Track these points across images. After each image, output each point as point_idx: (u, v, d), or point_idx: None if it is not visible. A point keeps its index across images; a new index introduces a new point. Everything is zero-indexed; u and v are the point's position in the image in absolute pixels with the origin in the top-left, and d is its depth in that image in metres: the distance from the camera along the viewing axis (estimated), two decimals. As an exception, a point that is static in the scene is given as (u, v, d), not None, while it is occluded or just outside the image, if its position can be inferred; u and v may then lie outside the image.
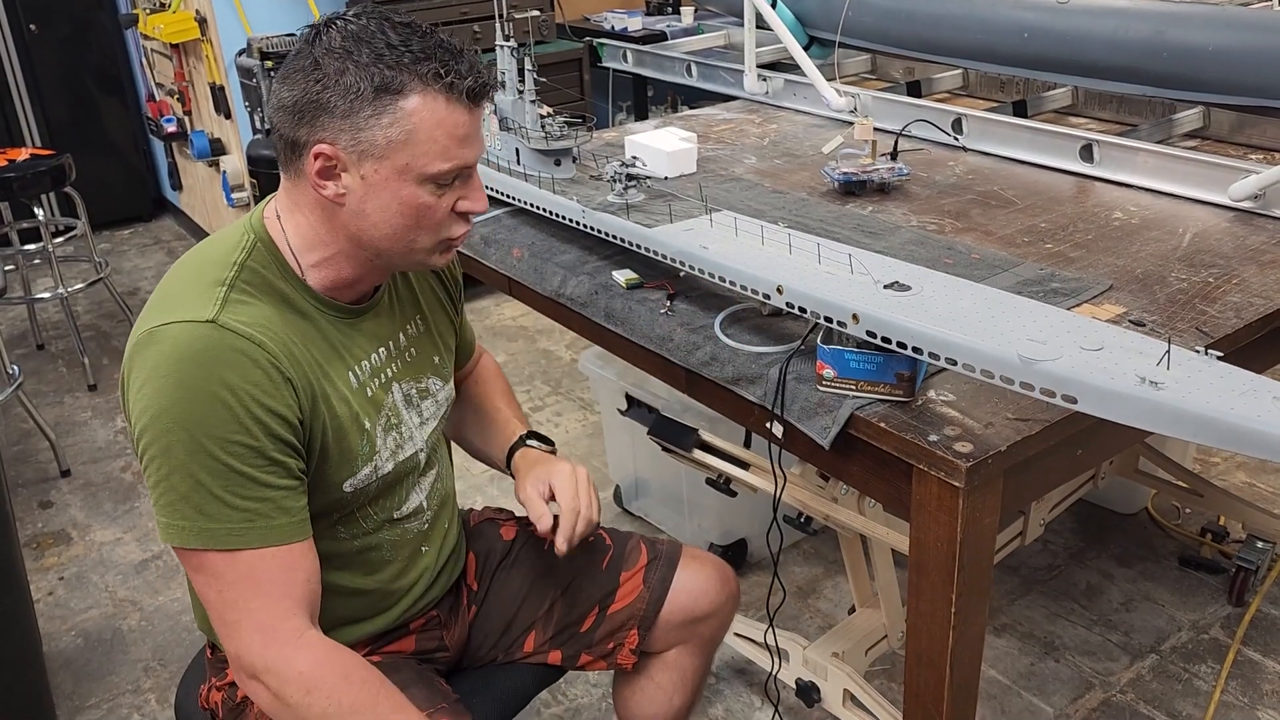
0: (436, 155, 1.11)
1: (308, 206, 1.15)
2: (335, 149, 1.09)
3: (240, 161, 3.82)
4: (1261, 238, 1.67)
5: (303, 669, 1.09)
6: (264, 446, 1.08)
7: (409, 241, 1.16)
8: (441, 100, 1.09)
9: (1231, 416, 0.88)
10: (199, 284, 1.12)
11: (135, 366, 1.08)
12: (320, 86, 1.08)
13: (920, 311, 1.15)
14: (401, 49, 1.08)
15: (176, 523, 1.07)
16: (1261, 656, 2.17)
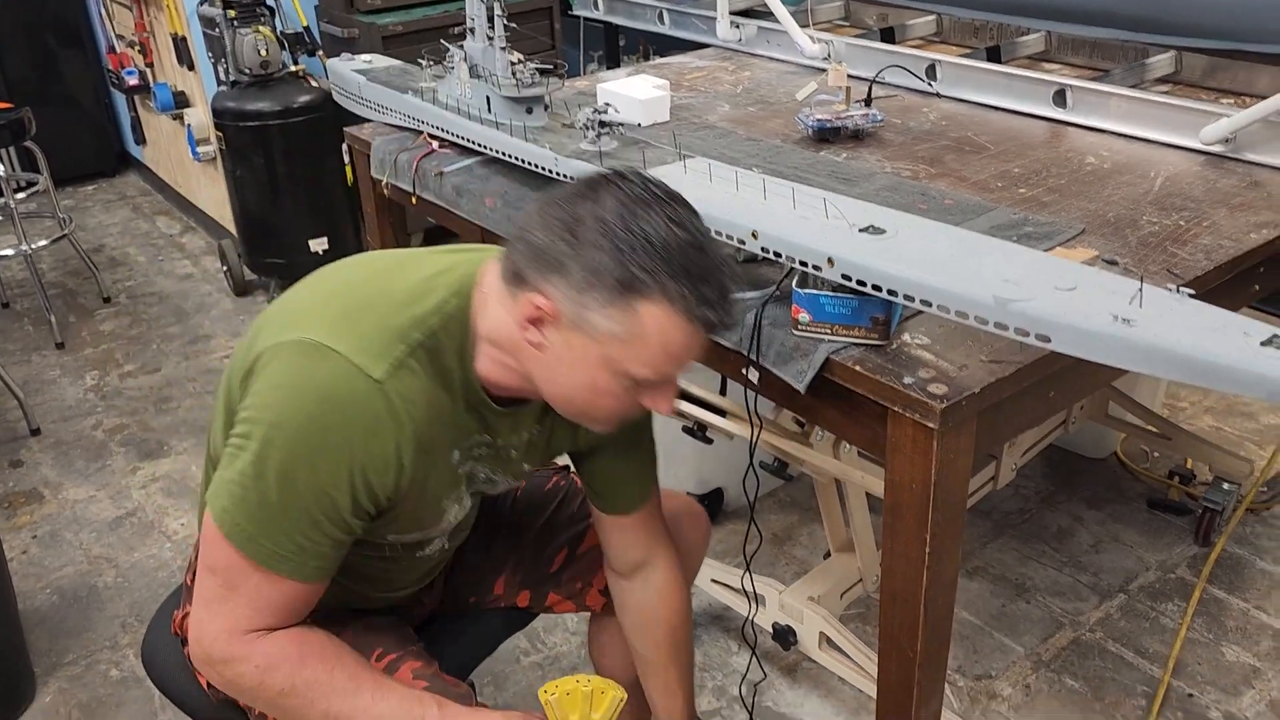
0: (647, 364, 1.06)
1: (507, 327, 1.11)
2: (554, 309, 1.05)
3: (205, 114, 3.75)
4: (1232, 181, 1.68)
5: (259, 661, 1.10)
6: (346, 510, 1.08)
7: (582, 410, 1.14)
8: (678, 321, 1.03)
9: (1203, 353, 0.89)
10: (385, 325, 1.08)
11: (282, 364, 1.06)
12: (570, 250, 1.03)
13: (895, 254, 1.15)
14: (664, 254, 1.01)
15: (234, 517, 1.06)
16: (1226, 594, 2.22)
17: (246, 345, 1.14)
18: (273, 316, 1.14)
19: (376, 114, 2.16)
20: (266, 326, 1.13)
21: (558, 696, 1.18)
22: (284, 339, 1.07)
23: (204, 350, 3.45)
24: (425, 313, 1.10)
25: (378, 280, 1.15)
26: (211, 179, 4.02)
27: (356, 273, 1.19)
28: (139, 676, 2.12)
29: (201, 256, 4.19)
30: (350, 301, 1.11)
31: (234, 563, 1.08)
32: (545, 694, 1.18)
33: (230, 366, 1.16)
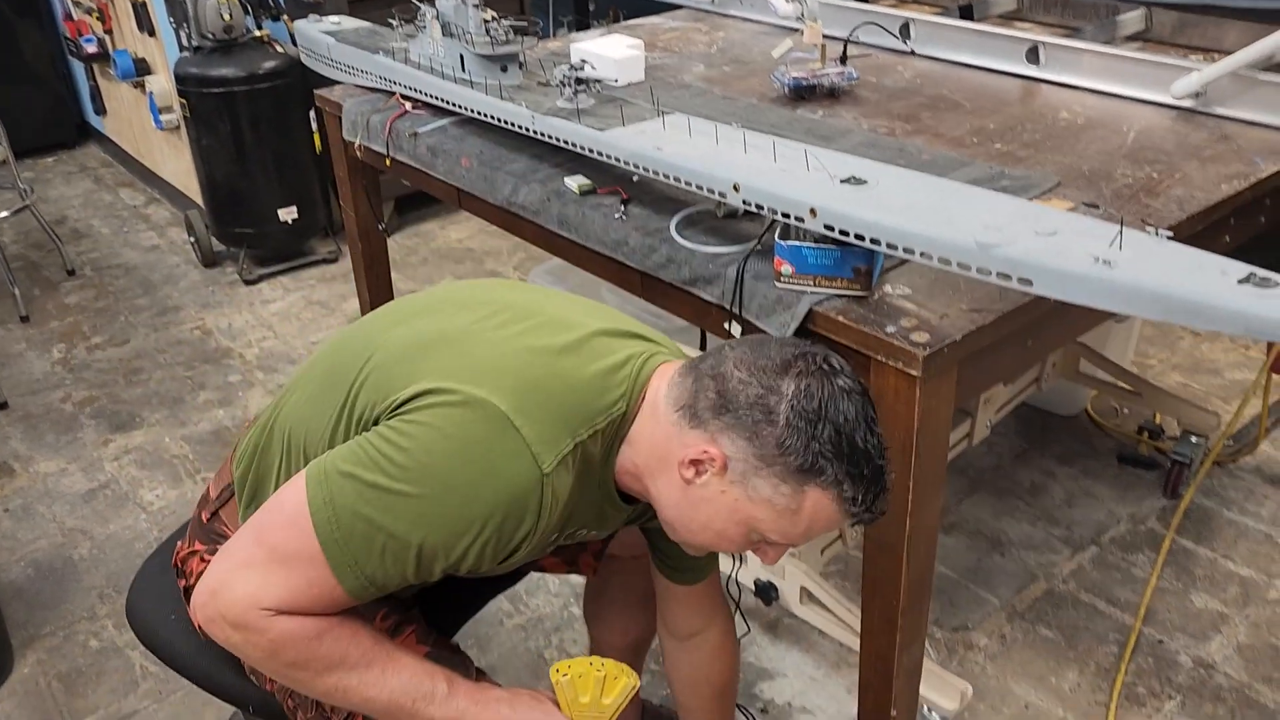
0: (786, 534, 1.09)
1: (661, 447, 1.10)
2: (726, 463, 1.05)
3: (168, 81, 3.68)
4: (1202, 134, 1.71)
5: (275, 635, 1.08)
6: (439, 569, 1.07)
7: (699, 545, 1.15)
8: (835, 511, 1.06)
9: (1183, 291, 0.90)
10: (562, 416, 1.07)
11: (463, 416, 1.04)
12: (766, 421, 1.03)
13: (878, 204, 1.16)
14: (849, 452, 1.03)
15: (335, 517, 1.04)
16: (1194, 545, 2.27)
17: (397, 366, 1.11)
18: (440, 348, 1.11)
19: (346, 75, 2.13)
20: (431, 359, 1.10)
21: (570, 678, 1.18)
22: (469, 391, 1.05)
23: (173, 322, 3.41)
24: (597, 412, 1.10)
25: (562, 359, 1.12)
26: (175, 148, 3.95)
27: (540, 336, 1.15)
28: (118, 646, 2.11)
29: (167, 228, 4.13)
30: (536, 375, 1.09)
31: (303, 552, 1.05)
32: (557, 674, 1.19)
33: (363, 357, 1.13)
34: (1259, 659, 1.98)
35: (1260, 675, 1.95)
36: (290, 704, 1.25)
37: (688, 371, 1.11)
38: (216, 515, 1.34)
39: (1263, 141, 1.67)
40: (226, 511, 1.32)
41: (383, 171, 2.08)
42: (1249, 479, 2.46)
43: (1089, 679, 1.96)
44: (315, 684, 1.12)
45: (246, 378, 3.07)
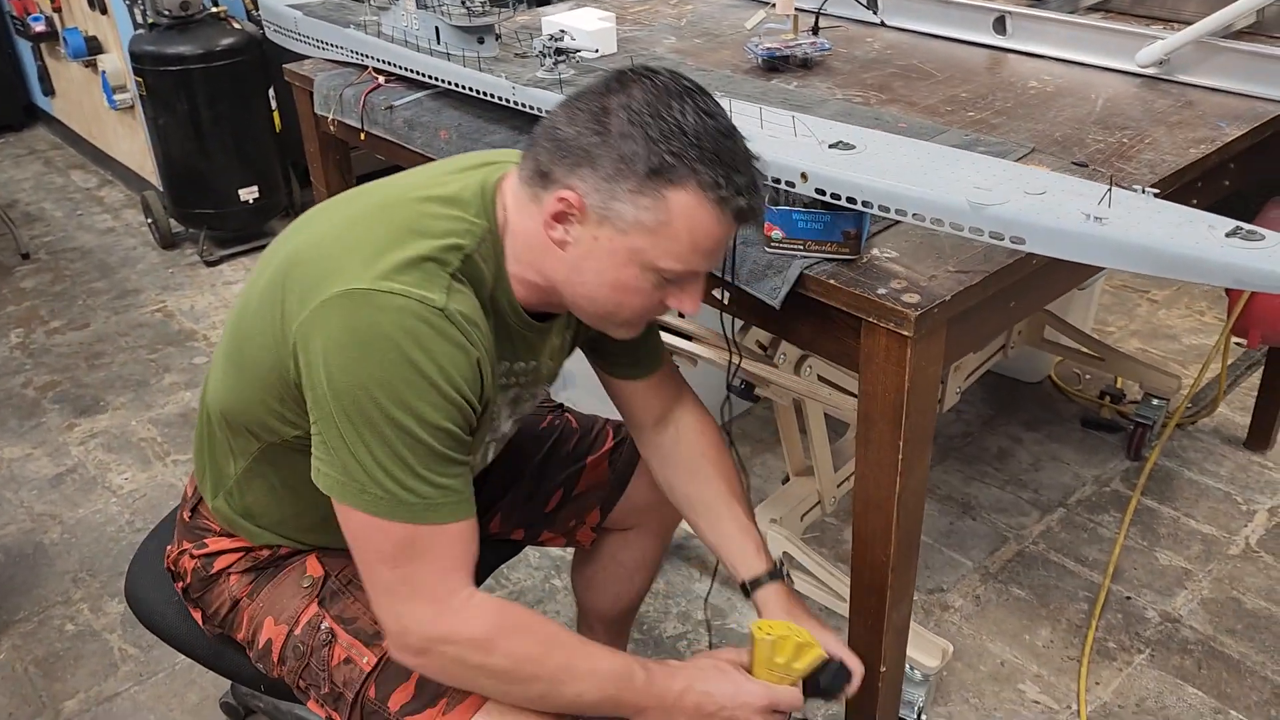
0: (675, 256, 1.05)
1: (532, 232, 1.09)
2: (582, 202, 1.04)
3: (121, 60, 3.61)
4: (1167, 101, 1.75)
5: (477, 632, 1.08)
6: (461, 431, 1.06)
7: (607, 311, 1.12)
8: (708, 209, 1.03)
9: (1173, 246, 0.93)
10: (424, 255, 1.05)
11: (342, 320, 1.01)
12: (599, 139, 1.02)
13: (868, 167, 1.17)
14: (694, 140, 1.01)
15: (371, 491, 1.03)
16: (1158, 504, 2.34)
17: (274, 310, 1.09)
18: (299, 269, 1.08)
19: (316, 50, 2.11)
20: (295, 281, 1.07)
21: (773, 638, 1.21)
22: (330, 293, 1.02)
23: (134, 305, 3.35)
24: (455, 234, 1.08)
25: (398, 205, 1.11)
26: (130, 129, 3.88)
27: (369, 199, 1.14)
28: (95, 630, 2.09)
29: (123, 210, 4.05)
30: (380, 234, 1.06)
31: (400, 537, 1.05)
32: (760, 630, 1.22)
33: (265, 338, 1.10)
34: (1222, 612, 2.05)
35: (1224, 628, 2.02)
36: (302, 684, 1.26)
37: (524, 152, 1.10)
38: (197, 511, 1.34)
39: (1225, 107, 1.71)
40: (205, 506, 1.33)
41: (355, 147, 2.06)
42: (1208, 440, 2.53)
43: (1061, 635, 2.02)
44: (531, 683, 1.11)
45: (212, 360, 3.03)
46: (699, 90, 1.05)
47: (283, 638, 1.26)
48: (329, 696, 1.23)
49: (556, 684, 1.11)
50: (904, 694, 1.63)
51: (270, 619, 1.27)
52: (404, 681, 1.19)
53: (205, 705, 1.91)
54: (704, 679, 1.19)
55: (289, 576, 1.29)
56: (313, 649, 1.24)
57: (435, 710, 1.16)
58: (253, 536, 1.30)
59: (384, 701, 1.19)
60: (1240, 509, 2.31)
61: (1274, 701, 1.86)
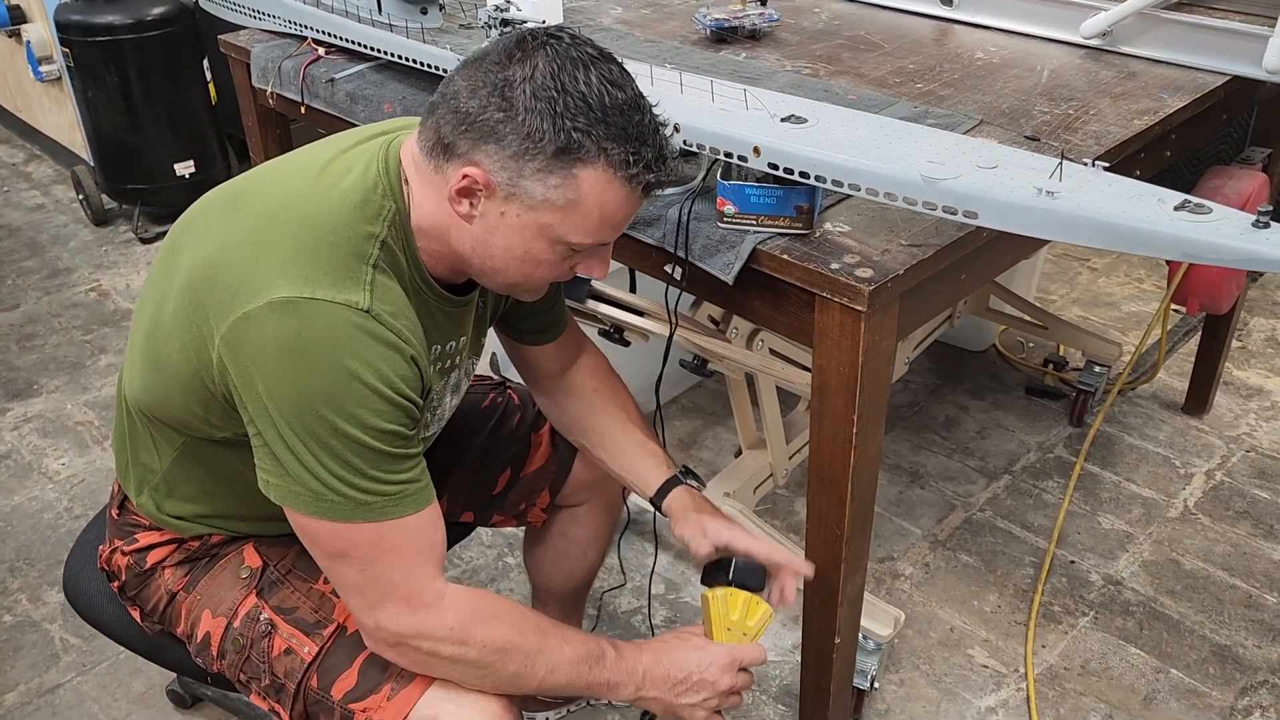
0: (584, 231, 1.04)
1: (434, 204, 1.05)
2: (487, 178, 1.01)
3: (46, 30, 3.48)
4: (1111, 73, 1.76)
5: (453, 624, 1.07)
6: (406, 429, 1.04)
7: (515, 281, 1.10)
8: (617, 185, 1.01)
9: (1123, 219, 0.94)
10: (339, 252, 1.02)
11: (268, 333, 0.98)
12: (503, 115, 0.98)
13: (820, 141, 1.17)
14: (601, 115, 0.98)
15: (328, 499, 1.01)
16: (1100, 469, 2.38)
17: (191, 319, 1.05)
18: (211, 276, 1.03)
19: (252, 20, 2.05)
20: (209, 291, 1.03)
21: (721, 595, 1.26)
22: (251, 306, 0.99)
23: (66, 284, 3.25)
24: (366, 221, 1.05)
25: (303, 199, 1.07)
26: (57, 101, 3.75)
27: (269, 194, 1.09)
28: (35, 620, 2.04)
29: (52, 186, 3.92)
30: (290, 235, 1.03)
31: (358, 537, 1.03)
32: (709, 592, 1.27)
33: (182, 344, 1.06)
34: (1162, 574, 2.10)
35: (1164, 589, 2.07)
36: (243, 677, 1.23)
37: (423, 119, 1.06)
38: (124, 508, 1.31)
39: (1167, 78, 1.73)
40: (133, 503, 1.30)
41: (295, 120, 2.01)
42: (1147, 405, 2.59)
43: (1008, 600, 2.05)
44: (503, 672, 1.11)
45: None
46: (603, 57, 1.02)
47: (221, 630, 1.23)
48: (270, 689, 1.21)
49: (529, 668, 1.12)
50: (857, 663, 1.65)
51: (208, 611, 1.24)
52: (346, 669, 1.17)
53: (151, 694, 1.88)
54: (669, 650, 1.22)
55: (226, 567, 1.26)
56: (252, 641, 1.21)
57: (379, 696, 1.15)
58: (182, 530, 1.26)
59: (327, 690, 1.17)
60: (1179, 472, 2.37)
61: (1212, 659, 1.92)
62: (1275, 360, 2.76)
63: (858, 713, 1.81)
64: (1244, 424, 2.52)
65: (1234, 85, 1.73)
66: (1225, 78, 1.72)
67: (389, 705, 1.14)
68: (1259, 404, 2.59)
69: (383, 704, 1.14)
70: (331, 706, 1.17)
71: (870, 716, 1.83)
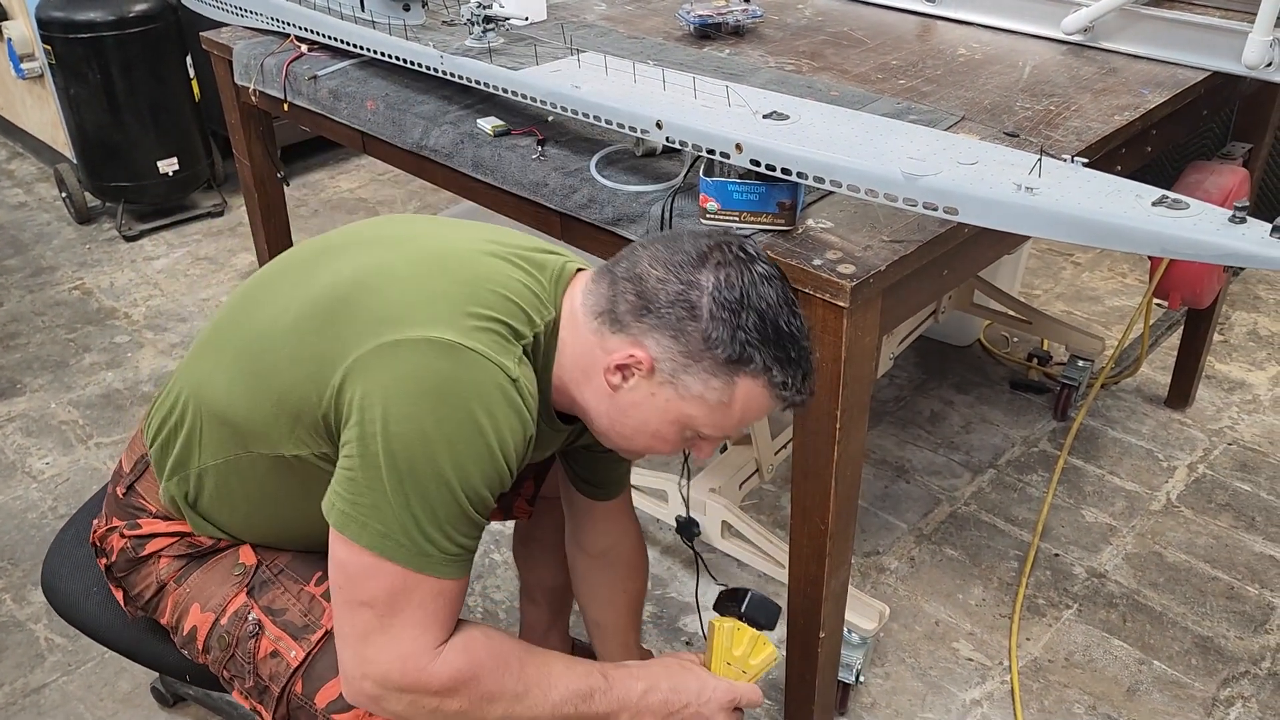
0: (721, 427, 1.09)
1: (583, 356, 1.10)
2: (653, 365, 1.05)
3: (28, 27, 3.46)
4: (1092, 69, 1.77)
5: (445, 680, 1.06)
6: (491, 498, 1.04)
7: (633, 450, 1.15)
8: (769, 399, 1.07)
9: (1102, 215, 0.95)
10: (503, 325, 1.04)
11: (415, 365, 0.99)
12: (689, 317, 1.03)
13: (802, 138, 1.17)
14: (774, 337, 1.04)
15: (396, 537, 1.00)
16: (1084, 463, 2.40)
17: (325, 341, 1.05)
18: (355, 301, 1.05)
19: (234, 17, 2.04)
20: (351, 316, 1.04)
21: (729, 628, 1.25)
22: (405, 336, 1.00)
23: (49, 283, 3.23)
24: (533, 312, 1.08)
25: (477, 261, 1.10)
26: (39, 98, 3.72)
27: (437, 241, 1.12)
28: (19, 620, 2.03)
29: (34, 184, 3.90)
30: (461, 288, 1.05)
31: (397, 584, 1.02)
32: (718, 622, 1.26)
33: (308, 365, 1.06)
34: (1145, 566, 2.12)
35: (1147, 581, 2.08)
36: (226, 674, 1.23)
37: (602, 276, 1.09)
38: (133, 489, 1.29)
39: (1148, 74, 1.74)
40: (143, 485, 1.28)
41: (279, 117, 2.00)
42: (1130, 399, 2.60)
43: (993, 594, 2.07)
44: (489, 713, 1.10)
45: (135, 338, 2.94)
46: (781, 277, 1.07)
47: (208, 626, 1.23)
48: (254, 689, 1.20)
49: (513, 710, 1.11)
50: (842, 657, 1.66)
51: (196, 605, 1.24)
52: (332, 678, 1.16)
53: (137, 694, 1.87)
54: (668, 677, 1.21)
55: (220, 562, 1.26)
56: (238, 640, 1.21)
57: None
58: (196, 526, 1.26)
59: (310, 698, 1.17)
60: (1161, 466, 2.39)
61: (1194, 651, 1.93)
62: (1257, 354, 2.78)
63: (843, 707, 1.81)
64: (1226, 417, 2.54)
65: (1214, 81, 1.75)
66: (1205, 73, 1.73)
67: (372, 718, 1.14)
68: (1240, 397, 2.61)
69: (365, 717, 1.14)
70: (314, 714, 1.17)
71: (856, 710, 1.84)
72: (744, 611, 1.27)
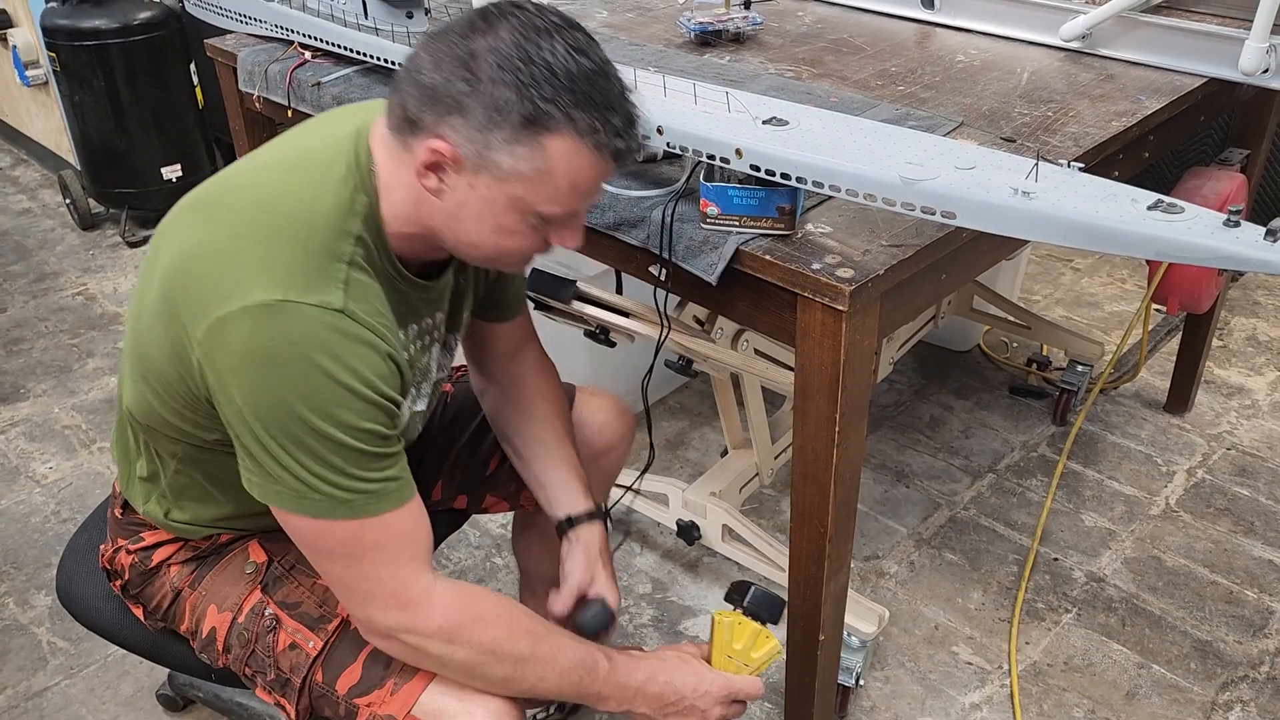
0: (555, 200, 1.03)
1: (405, 181, 1.05)
2: (456, 152, 1.00)
3: (32, 34, 3.48)
4: (1090, 75, 1.79)
5: (441, 622, 1.08)
6: (385, 427, 1.04)
7: (491, 255, 1.10)
8: (587, 153, 1.01)
9: (1098, 219, 0.96)
10: (315, 253, 1.02)
11: (244, 338, 0.98)
12: (468, 88, 0.97)
13: (801, 143, 1.18)
14: (568, 84, 0.98)
15: (309, 497, 1.02)
16: (1083, 468, 2.41)
17: (172, 325, 1.05)
18: (187, 282, 1.03)
19: (238, 24, 2.05)
20: (186, 296, 1.03)
21: (730, 622, 1.26)
22: (225, 311, 0.99)
23: (53, 288, 3.25)
24: (340, 217, 1.05)
25: (275, 200, 1.06)
26: (44, 105, 3.74)
27: (241, 196, 1.09)
28: (22, 624, 2.04)
29: (38, 190, 3.92)
30: (263, 238, 1.03)
31: (341, 535, 1.04)
32: (720, 615, 1.26)
33: (167, 351, 1.06)
34: (1144, 571, 2.13)
35: (1146, 585, 2.09)
36: (248, 671, 1.24)
37: (391, 95, 1.06)
38: (128, 507, 1.31)
39: (1145, 80, 1.75)
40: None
41: (283, 124, 2.02)
42: (1129, 404, 2.61)
43: (992, 598, 2.07)
44: (494, 673, 1.12)
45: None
46: (568, 25, 1.01)
47: (226, 625, 1.24)
48: (275, 683, 1.22)
49: (518, 672, 1.13)
50: (842, 660, 1.66)
51: (213, 607, 1.25)
52: (351, 663, 1.18)
53: (140, 696, 1.88)
54: (667, 670, 1.22)
55: (231, 563, 1.27)
56: (257, 635, 1.22)
57: (383, 690, 1.16)
58: (190, 534, 1.28)
59: (331, 685, 1.19)
60: (1160, 470, 2.39)
61: (1193, 655, 1.94)
62: (1255, 359, 2.79)
63: (843, 710, 1.82)
64: (1225, 422, 2.55)
65: (1211, 87, 1.76)
66: (1202, 80, 1.74)
67: (392, 700, 1.15)
68: (1239, 402, 2.62)
69: (386, 699, 1.15)
70: (337, 701, 1.18)
71: (855, 714, 1.84)
72: (746, 605, 1.29)
